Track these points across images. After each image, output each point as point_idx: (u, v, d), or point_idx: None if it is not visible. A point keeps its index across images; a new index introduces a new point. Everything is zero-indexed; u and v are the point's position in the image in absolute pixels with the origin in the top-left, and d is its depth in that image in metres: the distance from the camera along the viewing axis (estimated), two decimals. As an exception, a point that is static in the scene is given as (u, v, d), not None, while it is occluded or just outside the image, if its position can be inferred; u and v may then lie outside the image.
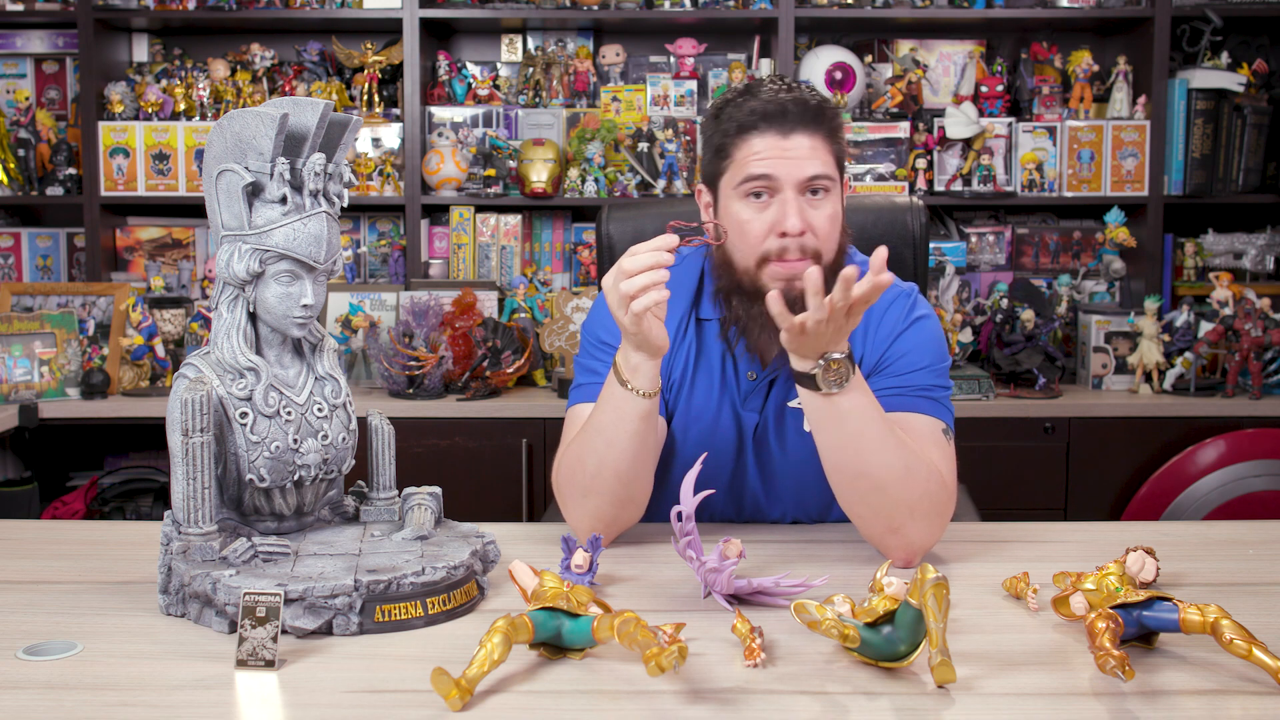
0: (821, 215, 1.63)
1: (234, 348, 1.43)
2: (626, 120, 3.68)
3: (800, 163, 1.62)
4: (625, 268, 1.48)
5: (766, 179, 1.62)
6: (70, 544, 1.72)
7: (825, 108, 1.65)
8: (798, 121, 1.62)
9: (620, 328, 1.53)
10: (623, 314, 1.49)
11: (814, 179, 1.62)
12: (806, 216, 1.62)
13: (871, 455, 1.54)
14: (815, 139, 1.63)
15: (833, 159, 1.65)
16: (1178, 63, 3.71)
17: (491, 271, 3.72)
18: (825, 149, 1.64)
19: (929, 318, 1.73)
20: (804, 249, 1.61)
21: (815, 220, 1.62)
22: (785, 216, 1.61)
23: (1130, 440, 3.25)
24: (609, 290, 1.51)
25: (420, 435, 3.16)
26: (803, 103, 1.63)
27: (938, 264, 3.59)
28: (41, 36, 3.84)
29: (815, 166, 1.62)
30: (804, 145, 1.62)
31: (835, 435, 1.55)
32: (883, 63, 3.85)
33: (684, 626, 1.31)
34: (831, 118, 1.66)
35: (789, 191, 1.62)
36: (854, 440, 1.54)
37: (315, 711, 1.15)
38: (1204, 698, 1.18)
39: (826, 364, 1.49)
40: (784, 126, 1.62)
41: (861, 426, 1.53)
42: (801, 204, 1.62)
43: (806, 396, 1.54)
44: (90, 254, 3.66)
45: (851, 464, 1.55)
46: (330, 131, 1.44)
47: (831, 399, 1.52)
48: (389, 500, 1.57)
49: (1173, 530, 1.82)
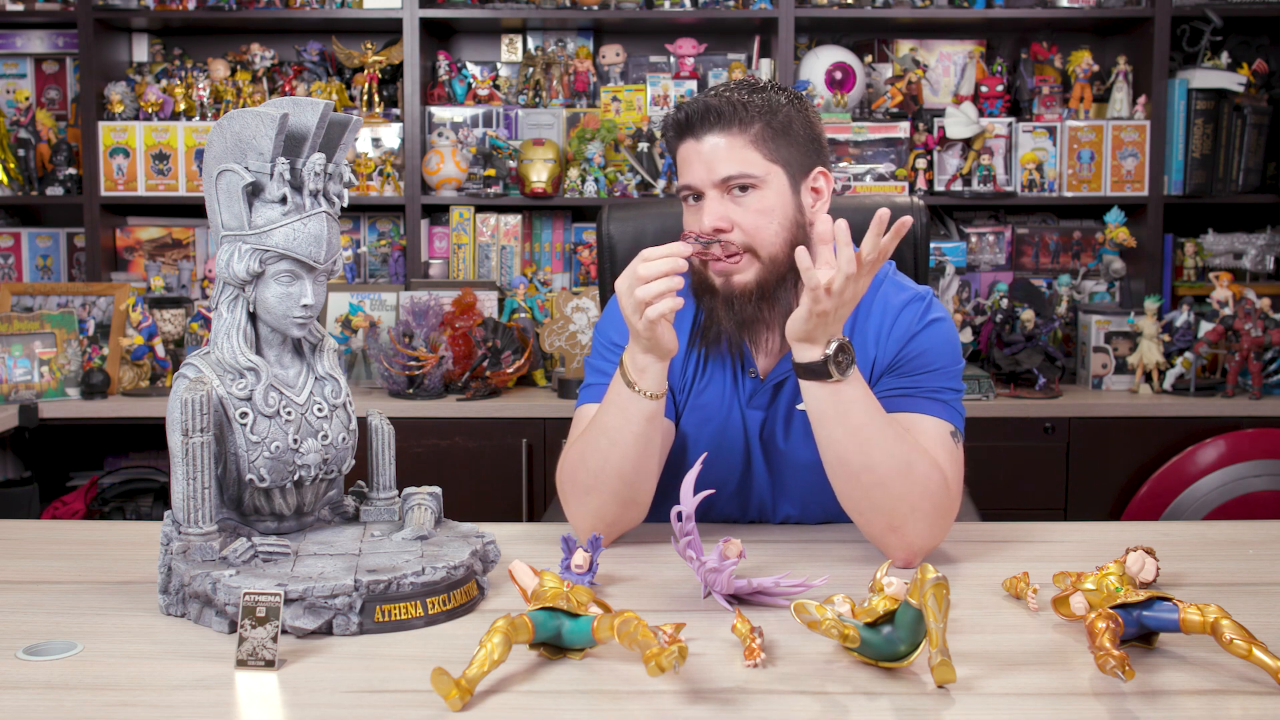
0: (746, 211, 1.65)
1: (234, 348, 1.43)
2: (626, 120, 3.68)
3: (712, 165, 1.65)
4: (640, 273, 1.50)
5: (689, 187, 1.68)
6: (70, 544, 1.72)
7: (739, 104, 1.66)
8: (705, 125, 1.66)
9: (631, 330, 1.54)
10: (637, 319, 1.51)
11: (729, 179, 1.65)
12: (728, 214, 1.65)
13: (874, 449, 1.55)
14: (730, 137, 1.65)
15: (759, 154, 1.65)
16: (1178, 63, 3.71)
17: (491, 271, 3.72)
18: (746, 146, 1.65)
19: (944, 321, 1.74)
20: (727, 246, 1.64)
21: (739, 216, 1.65)
22: (700, 217, 1.66)
23: (1130, 440, 3.25)
24: (623, 294, 1.52)
25: (420, 435, 3.16)
26: (710, 107, 1.66)
27: (938, 264, 3.60)
28: (41, 36, 3.84)
29: (730, 166, 1.64)
30: (718, 146, 1.65)
31: (838, 428, 1.55)
32: (883, 63, 3.85)
33: (684, 626, 1.31)
34: (754, 114, 1.66)
35: (709, 193, 1.66)
36: (857, 433, 1.54)
37: (315, 711, 1.15)
38: (1204, 698, 1.18)
39: (837, 349, 1.51)
40: (696, 132, 1.67)
41: (864, 419, 1.54)
42: (724, 203, 1.65)
43: (810, 390, 1.55)
44: (90, 254, 3.66)
45: (854, 458, 1.56)
46: (330, 131, 1.44)
47: (837, 391, 1.53)
48: (389, 500, 1.57)
49: (1173, 530, 1.82)
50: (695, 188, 1.67)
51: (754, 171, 1.65)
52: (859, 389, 1.55)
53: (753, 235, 1.65)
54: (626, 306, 1.52)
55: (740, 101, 1.66)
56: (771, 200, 1.66)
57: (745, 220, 1.65)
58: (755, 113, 1.66)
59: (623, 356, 1.60)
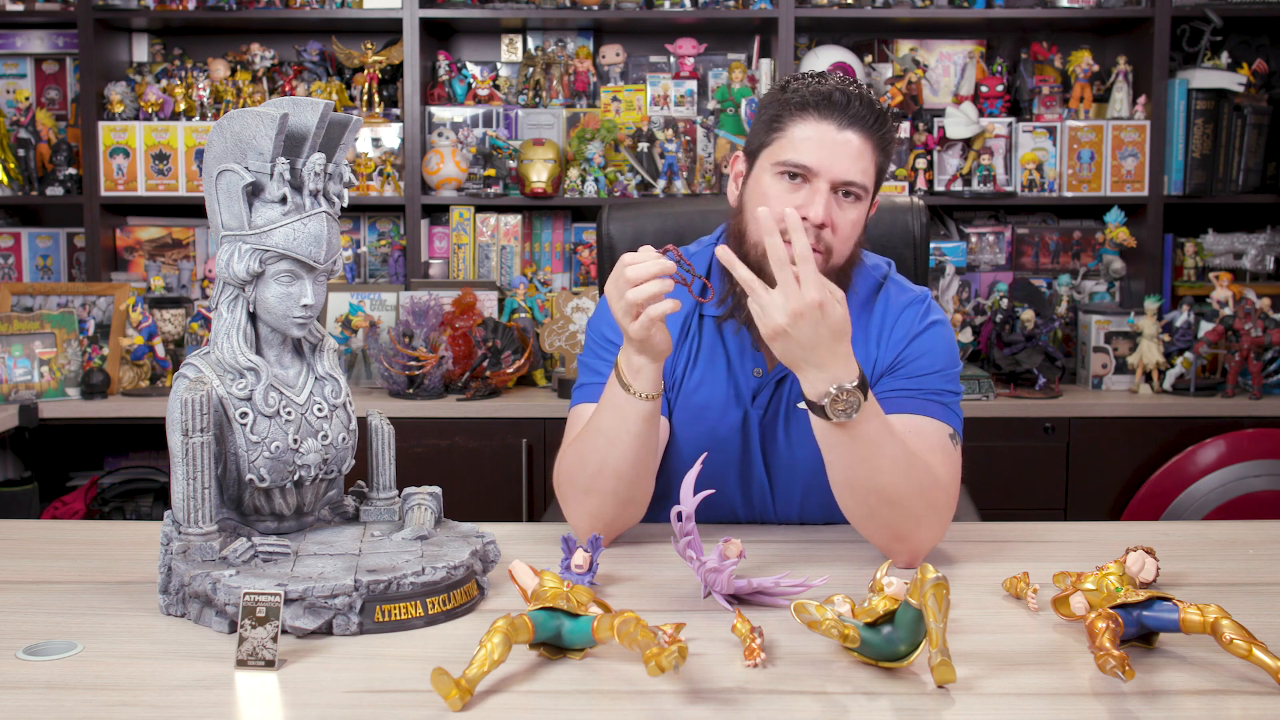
0: (846, 217, 1.63)
1: (234, 348, 1.43)
2: (626, 120, 3.68)
3: (844, 160, 1.61)
4: (630, 276, 1.48)
5: (805, 168, 1.61)
6: (70, 544, 1.72)
7: (887, 115, 1.65)
8: (857, 118, 1.62)
9: (624, 333, 1.53)
10: (629, 322, 1.49)
11: (851, 183, 1.62)
12: (831, 212, 1.61)
13: (884, 475, 1.53)
14: (866, 141, 1.62)
15: (874, 169, 1.64)
16: (1178, 63, 3.71)
17: (491, 271, 3.72)
18: (871, 156, 1.63)
19: (943, 323, 1.74)
20: (818, 241, 1.60)
21: (838, 219, 1.62)
22: (812, 204, 1.60)
23: (1130, 440, 3.25)
24: (613, 299, 1.50)
25: (420, 435, 3.16)
26: (868, 103, 1.63)
27: (938, 264, 3.60)
28: (41, 36, 3.84)
29: (857, 171, 1.61)
30: (854, 143, 1.61)
31: (845, 456, 1.54)
32: (883, 63, 3.85)
33: (684, 626, 1.31)
34: (889, 128, 1.65)
35: (823, 183, 1.61)
36: (866, 462, 1.53)
37: (315, 711, 1.15)
38: (1204, 698, 1.18)
39: (836, 394, 1.46)
40: (842, 119, 1.61)
41: (874, 450, 1.52)
42: (831, 200, 1.61)
43: (816, 419, 1.52)
44: (90, 254, 3.66)
45: (863, 483, 1.55)
46: (330, 131, 1.44)
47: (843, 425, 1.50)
48: (389, 500, 1.57)
49: (1173, 530, 1.82)
50: (814, 173, 1.61)
51: (867, 184, 1.64)
52: (868, 425, 1.50)
53: (841, 244, 1.63)
54: (618, 310, 1.50)
55: (884, 111, 1.64)
56: (862, 215, 1.65)
57: (843, 227, 1.62)
58: (892, 127, 1.65)
59: (618, 358, 1.59)
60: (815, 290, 1.41)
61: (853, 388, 1.46)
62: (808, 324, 1.42)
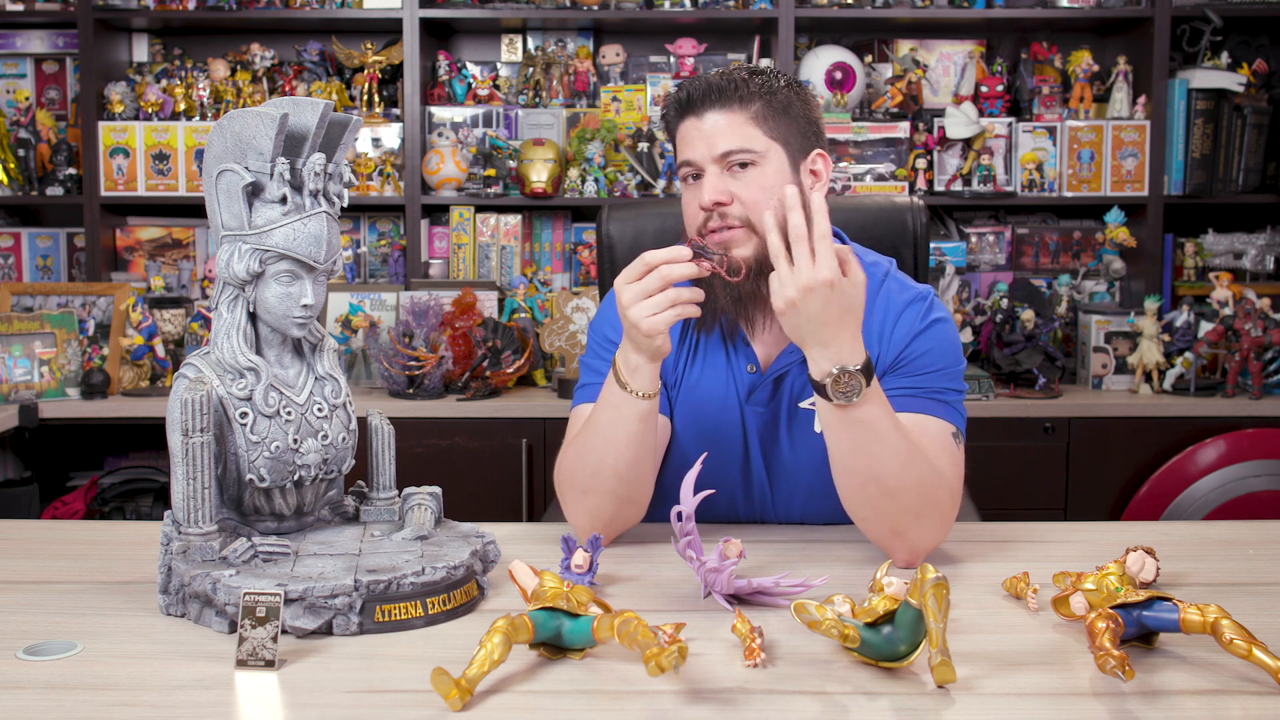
0: (747, 186, 1.65)
1: (234, 348, 1.43)
2: (626, 120, 3.68)
3: (712, 140, 1.65)
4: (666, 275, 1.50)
5: (689, 164, 1.68)
6: (70, 544, 1.72)
7: (740, 82, 1.67)
8: (706, 102, 1.66)
9: (625, 330, 1.54)
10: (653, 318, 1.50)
11: (730, 154, 1.64)
12: (729, 188, 1.64)
13: (883, 464, 1.53)
14: (730, 114, 1.65)
15: (759, 131, 1.65)
16: (1178, 63, 3.71)
17: (491, 271, 3.72)
18: (746, 122, 1.65)
19: (946, 321, 1.74)
20: (727, 218, 1.64)
21: (740, 190, 1.64)
22: (701, 192, 1.65)
23: (1130, 440, 3.25)
24: (627, 305, 1.51)
25: (420, 435, 3.16)
26: (711, 84, 1.67)
27: (938, 264, 3.60)
28: (41, 36, 3.84)
29: (731, 141, 1.64)
30: (719, 123, 1.65)
31: (846, 440, 1.54)
32: (883, 63, 3.85)
33: (684, 626, 1.31)
34: (754, 91, 1.66)
35: (709, 169, 1.65)
36: (865, 448, 1.53)
37: (315, 711, 1.15)
38: (1204, 698, 1.18)
39: (839, 375, 1.48)
40: (697, 109, 1.67)
41: (874, 436, 1.53)
42: (724, 179, 1.65)
43: (820, 400, 1.53)
44: (90, 254, 3.66)
45: (862, 469, 1.55)
46: (330, 131, 1.44)
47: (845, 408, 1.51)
48: (389, 500, 1.57)
49: (1173, 530, 1.82)
50: (696, 164, 1.67)
51: (754, 147, 1.65)
52: (871, 409, 1.51)
53: (752, 210, 1.64)
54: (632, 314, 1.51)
55: (741, 79, 1.67)
56: (771, 177, 1.65)
57: (745, 194, 1.64)
58: (755, 91, 1.67)
59: (615, 356, 1.59)
60: (828, 269, 1.45)
61: (855, 370, 1.48)
62: (817, 300, 1.45)
